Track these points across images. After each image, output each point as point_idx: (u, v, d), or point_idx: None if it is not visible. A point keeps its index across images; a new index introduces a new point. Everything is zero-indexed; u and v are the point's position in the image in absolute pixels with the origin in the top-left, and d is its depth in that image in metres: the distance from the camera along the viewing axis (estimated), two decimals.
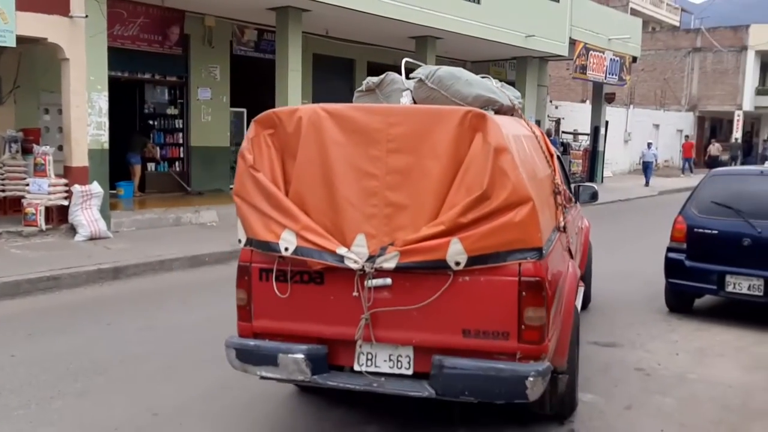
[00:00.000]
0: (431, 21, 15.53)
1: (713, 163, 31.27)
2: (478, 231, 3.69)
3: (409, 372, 3.91)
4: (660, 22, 47.65)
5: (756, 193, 7.08)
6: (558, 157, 5.64)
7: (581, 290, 5.82)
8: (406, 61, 4.92)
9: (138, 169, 14.51)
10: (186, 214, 12.44)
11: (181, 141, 15.72)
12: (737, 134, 37.49)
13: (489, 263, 3.72)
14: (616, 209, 18.16)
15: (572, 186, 6.95)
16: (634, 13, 38.18)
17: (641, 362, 5.86)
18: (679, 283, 7.35)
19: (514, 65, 21.75)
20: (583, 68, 22.05)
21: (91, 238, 10.41)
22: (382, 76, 4.71)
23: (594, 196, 7.14)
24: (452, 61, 21.17)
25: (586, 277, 6.93)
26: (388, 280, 3.81)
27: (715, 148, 32.50)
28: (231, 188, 14.72)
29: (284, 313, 4.03)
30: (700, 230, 7.14)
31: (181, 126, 15.67)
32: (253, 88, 16.32)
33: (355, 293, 3.84)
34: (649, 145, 26.22)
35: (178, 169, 15.76)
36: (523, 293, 3.71)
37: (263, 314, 4.08)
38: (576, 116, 28.42)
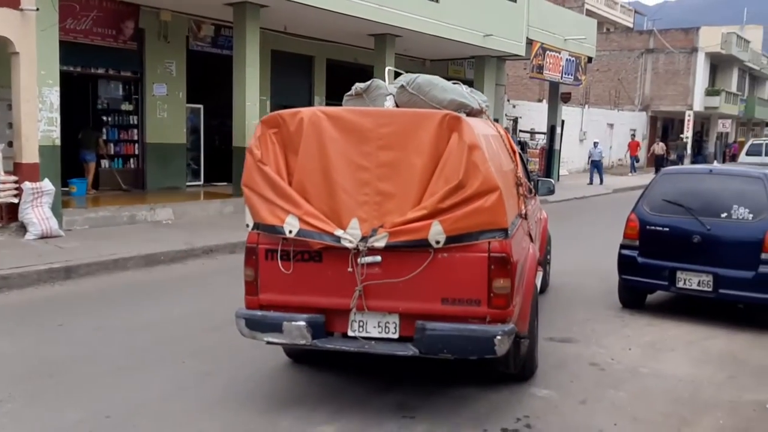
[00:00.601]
0: (390, 19, 15.54)
1: (657, 162, 32.06)
2: (455, 215, 4.39)
3: (396, 336, 4.59)
4: (614, 23, 48.60)
5: (705, 191, 7.27)
6: (520, 154, 6.51)
7: (540, 273, 6.75)
8: (390, 69, 5.80)
9: (92, 166, 14.18)
10: (141, 212, 12.22)
11: (136, 137, 15.40)
12: (688, 133, 38.44)
13: (464, 242, 4.43)
14: (572, 207, 18.47)
15: (532, 180, 7.61)
16: (589, 14, 38.86)
17: (595, 357, 5.97)
18: (631, 279, 7.51)
19: (472, 64, 21.92)
20: (540, 68, 22.35)
21: (42, 237, 10.15)
22: (368, 83, 5.41)
23: (551, 190, 8.10)
24: (411, 60, 21.25)
25: (544, 263, 7.86)
26: (378, 258, 4.48)
27: (659, 147, 33.22)
28: (188, 186, 14.44)
29: (287, 287, 4.68)
30: (652, 227, 7.30)
31: (136, 122, 15.35)
32: (210, 84, 16.11)
33: (349, 269, 4.50)
34: (596, 144, 26.50)
35: (133, 166, 15.46)
36: (492, 267, 4.42)
37: (269, 288, 4.73)
38: (533, 115, 28.80)
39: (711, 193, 7.21)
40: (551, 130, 25.70)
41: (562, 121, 26.48)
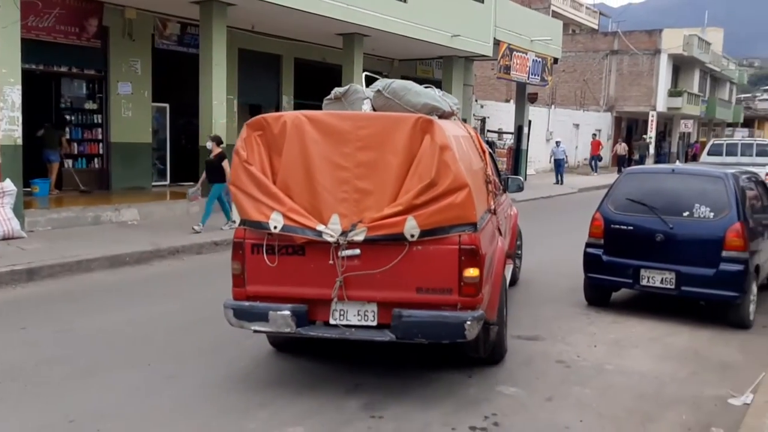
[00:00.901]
0: (358, 18, 15.53)
1: (620, 161, 32.54)
2: (428, 210, 4.72)
3: (374, 323, 4.92)
4: (580, 25, 49.22)
5: (668, 190, 7.41)
6: (490, 153, 7.03)
7: (510, 266, 7.29)
8: (367, 75, 6.08)
9: (56, 166, 13.91)
10: (105, 213, 12.03)
11: (100, 137, 15.14)
12: (652, 134, 39.11)
13: (436, 235, 4.76)
14: (538, 206, 18.66)
15: (502, 178, 8.04)
16: (555, 15, 39.26)
17: (562, 355, 6.04)
18: (596, 278, 7.62)
19: (440, 64, 22.02)
20: (507, 68, 22.54)
21: (4, 238, 9.93)
22: (346, 87, 5.77)
23: (520, 187, 8.60)
24: (380, 59, 21.27)
25: (514, 256, 8.36)
26: (357, 251, 4.79)
27: (621, 148, 33.71)
28: (154, 186, 14.23)
29: (272, 279, 4.97)
30: (617, 226, 7.42)
31: (100, 121, 15.09)
32: (177, 82, 15.92)
33: (330, 261, 4.81)
34: (558, 143, 26.75)
35: (97, 166, 15.20)
36: (462, 258, 4.76)
37: (255, 281, 5.01)
38: (501, 115, 29.03)
39: (673, 193, 7.35)
40: (518, 130, 25.94)
41: (529, 121, 26.74)
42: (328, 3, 14.58)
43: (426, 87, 5.82)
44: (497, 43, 21.40)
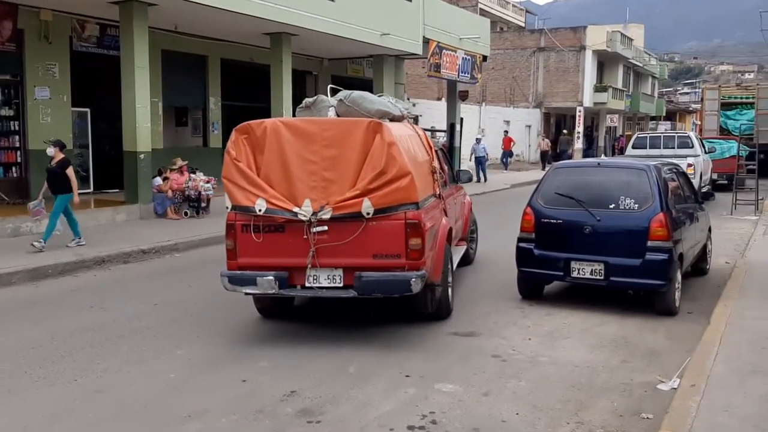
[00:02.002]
0: (285, 17, 15.33)
1: (543, 157, 33.26)
2: (380, 193, 5.96)
3: (341, 285, 6.13)
4: (507, 23, 50.13)
5: (594, 184, 7.57)
6: (441, 150, 8.66)
7: (464, 248, 9.07)
8: (331, 87, 7.24)
9: None
10: (26, 224, 11.47)
11: (17, 144, 14.46)
12: (579, 128, 40.15)
13: (387, 213, 6.00)
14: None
15: (455, 171, 9.55)
16: (483, 13, 39.90)
17: (497, 349, 6.09)
18: (529, 271, 7.71)
19: (371, 63, 22.01)
20: (438, 66, 22.70)
21: None
22: (315, 98, 6.96)
23: (470, 178, 10.27)
24: (309, 59, 21.10)
25: (468, 238, 9.72)
26: (325, 227, 6.02)
27: (545, 143, 34.46)
28: (78, 193, 13.69)
29: (258, 252, 6.16)
30: (547, 220, 7.53)
31: (17, 128, 14.40)
32: (98, 86, 15.39)
33: (305, 236, 6.05)
34: (478, 140, 26.91)
35: (15, 175, 14.52)
36: (408, 230, 6.02)
37: (244, 254, 6.20)
38: (433, 113, 29.25)
39: (600, 186, 7.52)
40: (451, 127, 26.18)
41: (461, 119, 27.03)
42: (253, 2, 14.34)
43: (380, 96, 7.20)
44: (427, 41, 21.52)
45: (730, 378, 5.06)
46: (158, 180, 13.89)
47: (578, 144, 39.40)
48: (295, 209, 6.02)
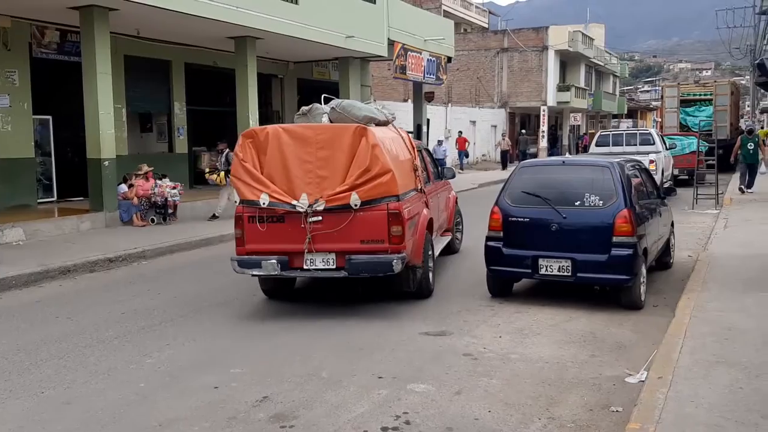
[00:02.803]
0: (249, 21, 15.24)
1: (503, 157, 33.49)
2: (365, 187, 6.94)
3: (334, 267, 7.12)
4: (470, 24, 50.47)
5: (560, 182, 7.68)
6: (426, 150, 10.29)
7: (449, 238, 10.20)
8: (325, 96, 8.18)
9: None
10: None
11: None
12: (544, 128, 40.61)
13: (372, 204, 6.99)
14: None
15: (438, 168, 10.53)
16: (447, 15, 40.08)
17: (469, 347, 6.14)
18: (498, 270, 7.79)
19: (337, 66, 21.99)
20: (403, 68, 22.79)
21: None
22: (310, 106, 7.85)
23: (453, 175, 11.20)
24: (274, 62, 21.00)
25: (454, 229, 10.74)
26: (320, 217, 7.01)
27: (504, 143, 34.73)
28: (39, 203, 13.44)
29: (263, 239, 7.16)
30: (514, 219, 7.61)
31: None
32: (59, 93, 15.13)
33: (302, 225, 7.02)
34: (440, 142, 26.94)
35: None
36: (390, 219, 7.01)
37: (251, 241, 7.20)
38: (400, 115, 29.11)
39: (565, 183, 7.63)
40: (418, 128, 26.27)
41: (428, 120, 27.15)
42: (216, 6, 14.22)
43: (367, 103, 8.49)
44: (392, 43, 21.59)
45: (696, 369, 5.18)
46: (123, 187, 13.70)
47: (543, 143, 39.87)
48: (294, 202, 7.03)
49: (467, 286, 8.53)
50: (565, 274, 7.32)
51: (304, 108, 7.97)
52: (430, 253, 8.13)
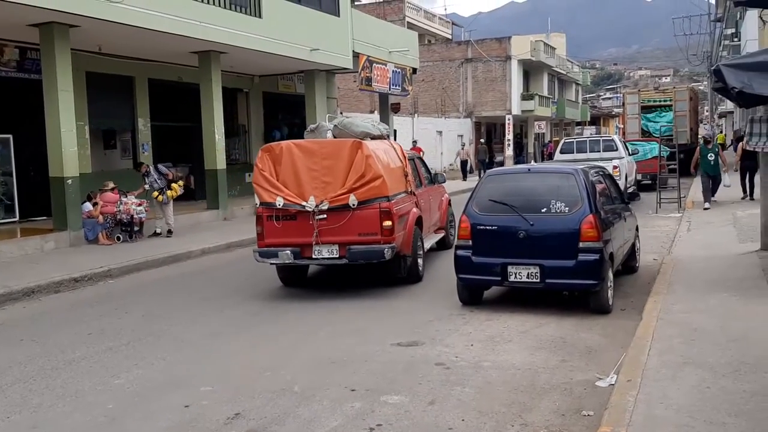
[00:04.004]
0: (212, 35, 15.17)
1: (462, 166, 33.64)
2: (361, 190, 8.45)
3: (337, 256, 8.60)
4: (434, 35, 50.87)
5: (526, 189, 7.77)
6: (420, 159, 11.72)
7: (441, 234, 11.53)
8: (329, 116, 9.86)
9: None
10: None
11: None
12: (509, 136, 41.05)
13: (367, 204, 8.50)
14: None
15: (432, 174, 11.95)
16: (411, 26, 40.38)
17: (441, 357, 6.15)
18: (468, 278, 7.83)
19: (302, 78, 21.97)
20: (369, 80, 22.86)
21: None
22: (317, 124, 9.83)
23: (444, 180, 12.51)
24: (239, 76, 20.91)
25: (447, 227, 11.92)
26: (325, 215, 8.50)
27: (464, 153, 34.90)
28: (1, 223, 13.08)
29: (278, 234, 8.70)
30: (482, 227, 7.67)
31: None
32: (20, 111, 14.85)
33: (310, 222, 8.52)
34: None
35: None
36: (382, 215, 8.51)
37: (269, 236, 8.76)
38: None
39: (531, 191, 7.72)
40: None
41: (395, 131, 27.24)
42: (179, 21, 14.13)
43: (364, 121, 10.20)
44: (357, 55, 21.65)
45: (664, 371, 5.26)
46: (88, 205, 13.48)
47: (509, 151, 40.27)
48: (303, 203, 8.54)
49: (438, 295, 8.56)
50: (534, 280, 7.39)
51: (311, 126, 9.96)
52: (419, 244, 9.48)
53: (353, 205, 8.44)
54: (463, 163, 33.87)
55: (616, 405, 4.65)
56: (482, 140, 39.24)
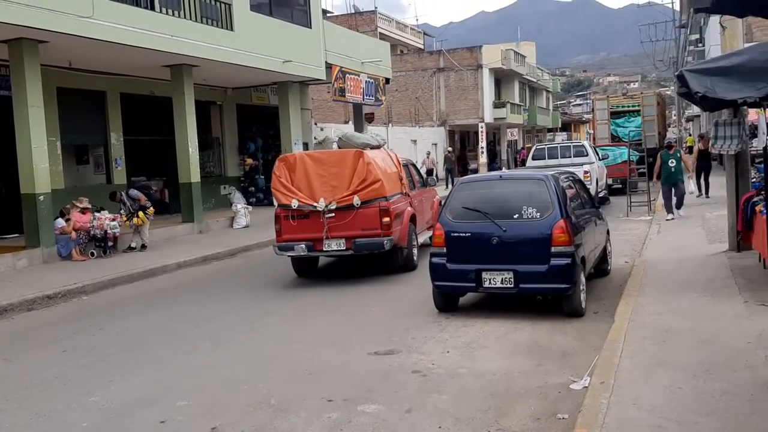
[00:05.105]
0: (184, 49, 15.12)
1: (428, 174, 33.67)
2: (363, 192, 9.97)
3: (344, 248, 10.06)
4: (406, 45, 51.14)
5: (498, 196, 7.86)
6: (413, 165, 13.11)
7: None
8: (334, 131, 12.90)
9: None
10: None
11: None
12: (483, 144, 41.31)
13: (368, 204, 9.98)
14: None
15: (425, 179, 13.57)
16: (383, 37, 40.54)
17: (417, 364, 6.19)
18: (443, 285, 7.89)
19: (275, 90, 21.97)
20: (342, 91, 22.92)
21: None
22: (324, 137, 11.81)
23: (434, 183, 14.31)
24: (212, 89, 20.85)
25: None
26: (333, 214, 9.95)
27: (429, 161, 34.99)
28: None
29: (294, 231, 10.15)
30: (456, 234, 7.74)
31: None
32: None
33: (321, 220, 9.98)
34: None
35: None
36: (381, 213, 9.98)
37: (286, 232, 10.22)
38: None
39: (503, 197, 7.81)
40: None
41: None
42: (149, 35, 14.07)
43: (364, 134, 12.16)
44: (330, 66, 21.70)
45: (636, 372, 5.35)
46: (61, 221, 13.33)
47: (483, 158, 40.53)
48: (315, 204, 10.03)
49: (415, 303, 8.60)
50: (508, 285, 7.47)
51: (319, 138, 12.28)
52: (413, 237, 10.98)
53: (357, 204, 9.97)
54: (429, 171, 33.84)
55: (589, 407, 4.72)
56: (449, 148, 39.21)
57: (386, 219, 9.95)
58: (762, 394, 4.74)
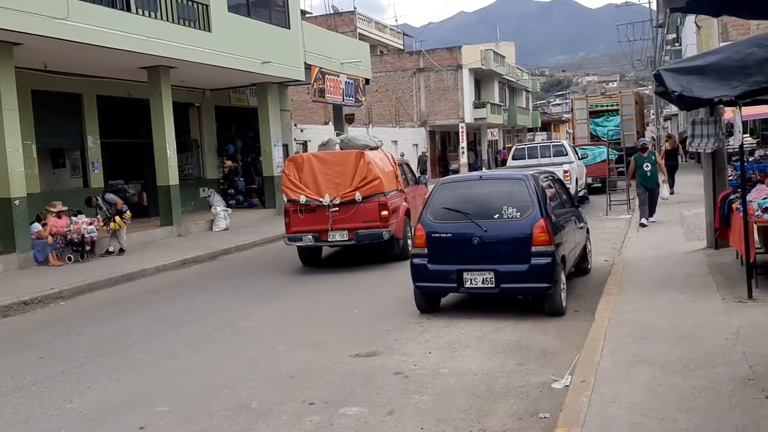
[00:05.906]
0: (160, 50, 14.99)
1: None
2: (364, 188, 11.29)
3: (347, 239, 11.34)
4: (386, 46, 51.18)
5: (478, 196, 7.87)
6: (407, 165, 14.82)
7: None
8: (336, 133, 14.04)
9: None
10: None
11: None
12: (463, 144, 41.46)
13: (369, 199, 11.29)
14: None
15: (417, 177, 15.29)
16: (362, 38, 40.53)
17: (399, 366, 6.17)
18: (425, 286, 7.88)
19: (254, 91, 21.87)
20: (322, 92, 22.87)
21: None
22: (328, 139, 12.87)
23: (426, 181, 16.00)
24: (190, 91, 20.69)
25: None
26: (337, 208, 11.27)
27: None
28: None
29: (302, 223, 11.41)
30: (437, 235, 7.73)
31: None
32: None
33: (326, 214, 11.27)
34: None
35: None
36: (380, 207, 11.31)
37: (294, 224, 11.49)
38: (321, 138, 29.10)
39: (484, 197, 7.82)
40: None
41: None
42: (125, 36, 13.92)
43: (364, 136, 13.53)
44: (309, 67, 21.65)
45: (616, 370, 5.38)
46: (37, 226, 13.14)
47: (464, 159, 40.66)
48: (321, 199, 11.20)
49: (396, 304, 8.58)
50: (489, 285, 7.47)
51: (323, 140, 13.07)
52: (408, 230, 11.81)
53: (358, 199, 11.15)
54: None
55: (570, 406, 4.73)
56: (423, 150, 39.02)
57: (385, 212, 11.14)
58: (740, 390, 4.78)
